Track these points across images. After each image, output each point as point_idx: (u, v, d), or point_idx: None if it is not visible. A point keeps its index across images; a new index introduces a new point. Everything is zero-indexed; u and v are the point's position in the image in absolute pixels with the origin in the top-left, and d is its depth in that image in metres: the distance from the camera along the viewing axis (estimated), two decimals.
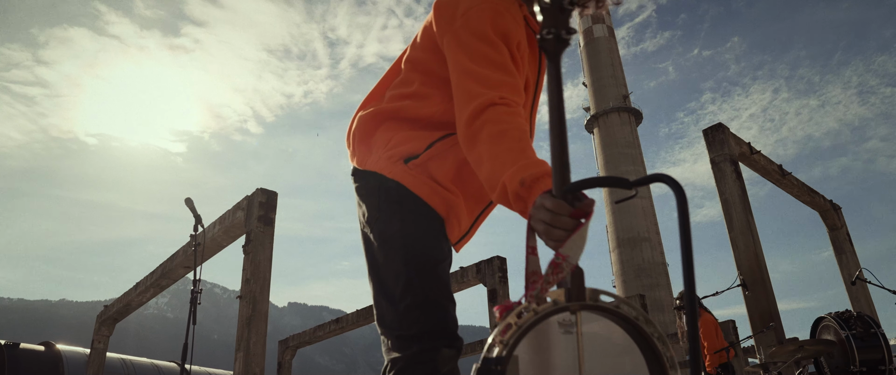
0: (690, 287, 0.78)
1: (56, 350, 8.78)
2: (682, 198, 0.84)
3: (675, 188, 0.85)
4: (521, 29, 1.62)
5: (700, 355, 0.89)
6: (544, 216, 1.05)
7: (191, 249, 6.26)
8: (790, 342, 4.76)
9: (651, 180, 0.91)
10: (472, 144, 1.40)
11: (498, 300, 7.11)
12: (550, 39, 0.92)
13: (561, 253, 0.96)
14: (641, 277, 40.18)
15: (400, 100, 1.68)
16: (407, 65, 1.73)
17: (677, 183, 0.85)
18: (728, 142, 6.83)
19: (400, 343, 1.54)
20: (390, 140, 1.64)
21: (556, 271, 0.94)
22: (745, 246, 6.31)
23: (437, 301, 1.58)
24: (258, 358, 4.69)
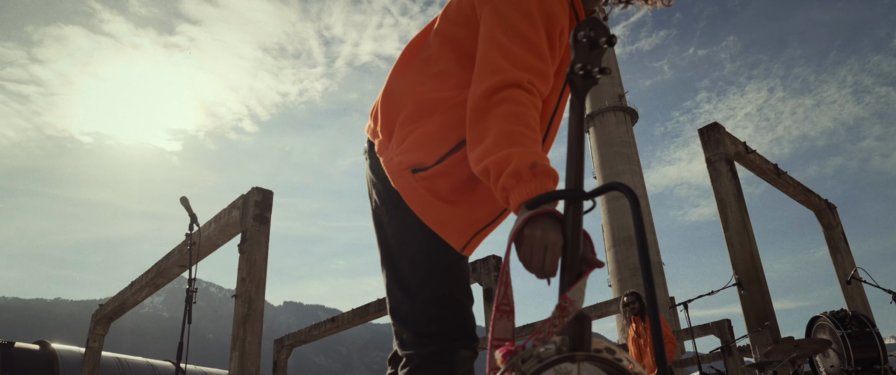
0: (650, 289, 0.83)
1: (51, 349, 8.74)
2: (635, 204, 0.88)
3: (629, 195, 0.91)
4: (566, 15, 1.49)
5: (664, 354, 0.92)
6: (539, 245, 1.03)
7: (186, 248, 6.24)
8: (785, 341, 4.78)
9: (607, 189, 0.95)
10: (480, 116, 1.28)
11: (493, 299, 7.11)
12: (580, 76, 0.93)
13: (568, 297, 0.95)
14: (637, 277, 40.22)
15: (423, 84, 1.54)
16: (436, 39, 1.58)
17: (630, 189, 0.92)
18: (724, 141, 6.84)
19: (417, 339, 1.46)
20: (405, 138, 1.51)
21: (563, 315, 0.93)
22: (740, 246, 6.33)
23: (456, 297, 1.48)
24: (254, 357, 4.68)
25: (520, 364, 0.89)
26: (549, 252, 1.03)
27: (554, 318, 0.93)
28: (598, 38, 0.95)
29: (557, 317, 0.92)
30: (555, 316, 0.93)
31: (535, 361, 0.88)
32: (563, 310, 0.93)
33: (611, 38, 0.98)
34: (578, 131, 0.99)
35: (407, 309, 1.49)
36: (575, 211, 0.99)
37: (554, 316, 0.93)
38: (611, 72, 0.95)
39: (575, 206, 1.00)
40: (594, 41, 0.93)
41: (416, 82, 1.55)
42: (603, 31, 0.97)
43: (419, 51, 1.62)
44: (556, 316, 0.93)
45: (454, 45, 1.53)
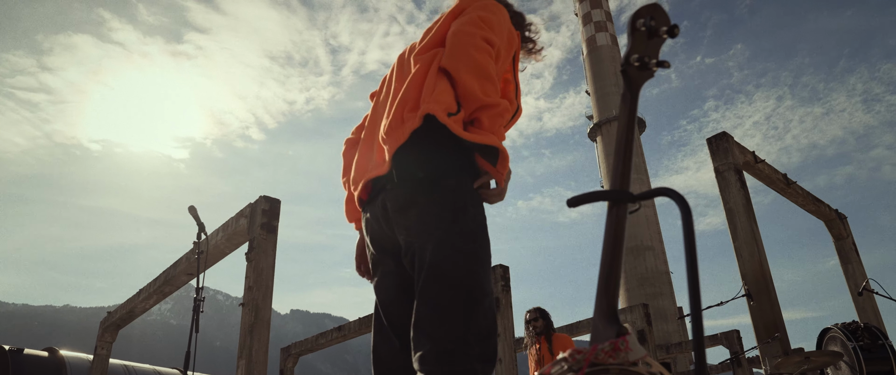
0: (696, 300, 0.76)
1: (59, 357, 8.77)
2: (687, 213, 0.81)
3: (681, 203, 0.81)
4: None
5: (705, 364, 0.86)
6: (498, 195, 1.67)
7: (194, 256, 6.25)
8: (796, 353, 4.73)
9: (656, 194, 0.86)
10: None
11: (500, 309, 7.08)
12: (635, 68, 0.87)
13: (628, 340, 0.90)
14: (645, 286, 40.01)
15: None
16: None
17: (682, 197, 0.81)
18: (732, 150, 6.81)
19: (447, 358, 1.38)
20: (425, 100, 1.69)
21: (613, 352, 0.88)
22: (749, 256, 6.28)
23: (494, 325, 1.46)
24: (260, 366, 4.68)
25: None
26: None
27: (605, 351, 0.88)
28: (658, 26, 0.87)
29: (608, 352, 0.88)
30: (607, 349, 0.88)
31: (568, 372, 0.86)
32: (615, 350, 0.88)
33: (672, 27, 0.89)
34: (629, 129, 0.92)
35: (447, 328, 1.40)
36: (619, 212, 0.93)
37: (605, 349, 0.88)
38: (670, 65, 0.86)
39: (619, 208, 0.93)
40: (653, 30, 0.86)
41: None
42: (664, 19, 0.89)
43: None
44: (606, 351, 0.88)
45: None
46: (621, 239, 0.92)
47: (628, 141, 0.92)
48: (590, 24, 51.08)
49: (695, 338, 0.76)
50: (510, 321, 7.07)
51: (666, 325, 36.91)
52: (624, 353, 0.87)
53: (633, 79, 0.88)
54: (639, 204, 0.95)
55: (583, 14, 51.98)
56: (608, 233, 0.92)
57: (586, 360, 0.85)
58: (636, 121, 0.92)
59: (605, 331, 0.87)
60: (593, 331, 0.90)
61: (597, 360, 0.85)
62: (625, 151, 0.91)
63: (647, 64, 0.86)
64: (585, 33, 51.50)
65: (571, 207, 0.88)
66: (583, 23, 52.02)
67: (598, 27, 50.49)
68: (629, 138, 0.92)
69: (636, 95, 0.89)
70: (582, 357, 0.85)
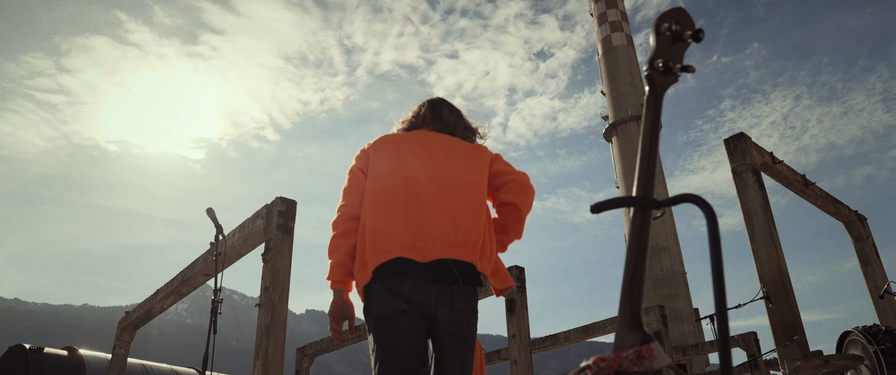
0: (721, 304, 0.75)
1: (78, 356, 8.88)
2: (712, 220, 0.79)
3: (706, 210, 0.80)
4: None
5: (730, 363, 0.84)
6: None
7: (211, 257, 6.30)
8: (815, 356, 4.67)
9: (680, 201, 0.85)
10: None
11: (515, 310, 7.06)
12: (660, 72, 0.86)
13: (653, 348, 0.88)
14: (660, 287, 39.73)
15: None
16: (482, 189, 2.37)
17: (708, 204, 0.80)
18: (750, 151, 6.74)
19: None
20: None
21: (638, 360, 0.87)
22: (767, 258, 6.22)
23: None
24: (276, 366, 4.71)
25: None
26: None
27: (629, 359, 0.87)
28: (683, 30, 0.86)
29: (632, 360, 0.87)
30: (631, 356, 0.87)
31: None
32: (640, 357, 0.87)
33: (697, 32, 0.88)
34: (653, 135, 0.91)
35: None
36: (643, 219, 0.92)
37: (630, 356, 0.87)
38: (694, 70, 0.84)
39: (643, 214, 0.93)
40: (678, 34, 0.84)
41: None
42: (688, 23, 0.88)
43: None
44: (631, 358, 0.87)
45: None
46: (645, 246, 0.91)
47: (652, 147, 0.91)
48: (605, 23, 50.82)
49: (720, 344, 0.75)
50: (526, 322, 7.06)
51: (682, 327, 36.62)
52: (648, 361, 0.85)
53: (657, 83, 0.87)
54: (662, 211, 0.93)
55: (598, 14, 51.75)
56: (632, 240, 0.91)
57: (611, 368, 0.84)
58: (660, 126, 0.92)
59: (630, 338, 0.86)
60: (617, 338, 0.89)
61: (621, 368, 0.84)
62: (648, 157, 0.90)
63: (671, 68, 0.85)
64: (601, 33, 51.26)
65: (595, 213, 0.87)
66: (598, 23, 51.77)
67: (613, 27, 50.23)
68: (653, 144, 0.91)
69: (660, 100, 0.88)
70: (606, 364, 0.84)
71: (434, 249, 2.02)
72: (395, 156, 2.26)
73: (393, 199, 2.14)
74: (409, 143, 2.31)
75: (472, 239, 2.07)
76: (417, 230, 2.05)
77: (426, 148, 2.30)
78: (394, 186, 2.17)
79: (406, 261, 2.01)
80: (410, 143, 2.31)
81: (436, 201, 2.12)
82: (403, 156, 2.26)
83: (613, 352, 0.87)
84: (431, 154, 2.28)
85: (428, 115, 2.47)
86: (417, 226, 2.06)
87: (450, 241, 2.04)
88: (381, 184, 2.20)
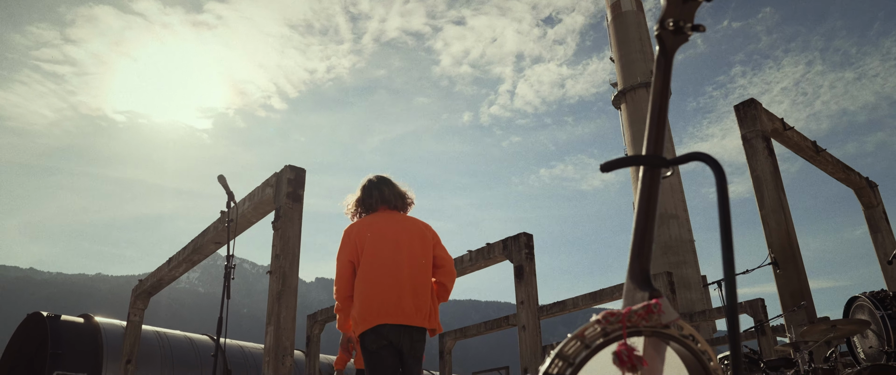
0: (730, 266, 0.76)
1: (95, 323, 9.06)
2: (721, 179, 0.79)
3: (715, 168, 0.80)
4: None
5: (738, 329, 0.85)
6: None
7: (222, 225, 6.36)
8: (822, 321, 4.70)
9: (689, 159, 0.85)
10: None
11: (524, 276, 7.12)
12: (670, 32, 0.86)
13: (661, 303, 0.91)
14: (668, 255, 39.84)
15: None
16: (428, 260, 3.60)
17: (717, 162, 0.80)
18: (760, 117, 6.69)
19: None
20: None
21: (646, 314, 0.89)
22: (776, 224, 6.21)
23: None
24: (288, 332, 4.79)
25: (583, 337, 0.86)
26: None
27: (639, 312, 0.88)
28: None
29: (641, 314, 0.89)
30: (641, 310, 0.89)
31: (601, 335, 0.87)
32: (648, 312, 0.89)
33: None
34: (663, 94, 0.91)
35: None
36: (652, 177, 0.94)
37: (640, 310, 0.89)
38: (705, 29, 0.83)
39: (652, 173, 0.94)
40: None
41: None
42: None
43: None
44: (639, 313, 0.89)
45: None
46: (654, 204, 0.92)
47: (662, 106, 0.92)
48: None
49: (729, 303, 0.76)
50: (534, 289, 7.12)
51: (689, 293, 36.81)
52: (657, 316, 0.87)
53: (667, 43, 0.87)
54: (671, 169, 0.93)
55: None
56: (642, 198, 0.92)
57: (621, 322, 0.86)
58: (670, 86, 0.92)
59: (639, 294, 0.88)
60: (626, 294, 0.91)
61: (631, 322, 0.86)
62: (658, 116, 0.91)
63: (681, 28, 0.84)
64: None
65: (605, 172, 0.88)
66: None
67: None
68: (663, 103, 0.92)
69: (671, 60, 0.88)
70: (616, 318, 0.86)
71: (403, 318, 3.27)
72: (375, 247, 3.39)
73: (378, 281, 3.32)
74: (385, 237, 3.43)
75: (424, 311, 3.36)
76: (394, 305, 3.27)
77: (398, 240, 3.43)
78: (379, 272, 3.34)
79: (381, 325, 3.25)
80: (386, 236, 3.43)
81: (409, 282, 3.34)
82: (380, 248, 3.39)
83: (623, 308, 0.89)
84: (402, 244, 3.42)
85: (378, 199, 3.57)
86: (394, 302, 3.27)
87: (413, 315, 3.30)
88: (370, 267, 3.35)
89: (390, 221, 3.49)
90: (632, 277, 0.90)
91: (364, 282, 3.31)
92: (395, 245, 3.39)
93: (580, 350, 0.83)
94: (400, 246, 3.39)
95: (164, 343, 9.42)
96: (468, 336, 12.68)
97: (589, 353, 0.83)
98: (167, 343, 9.42)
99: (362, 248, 3.38)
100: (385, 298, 3.26)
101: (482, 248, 7.97)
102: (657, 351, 0.89)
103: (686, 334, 0.88)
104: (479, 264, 8.10)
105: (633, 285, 0.89)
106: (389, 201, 3.55)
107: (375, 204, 3.54)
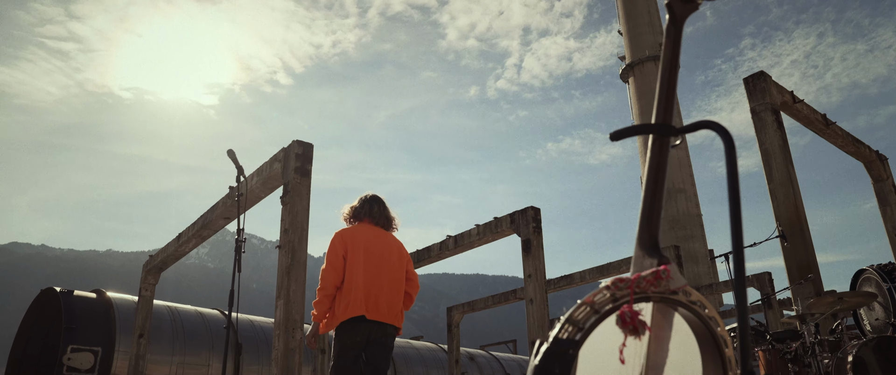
0: (738, 235, 0.76)
1: (107, 298, 9.17)
2: (730, 146, 0.79)
3: (724, 135, 0.79)
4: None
5: (746, 301, 0.86)
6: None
7: (230, 200, 6.40)
8: (829, 294, 4.71)
9: (699, 127, 0.84)
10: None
11: (531, 250, 7.15)
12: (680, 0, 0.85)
13: (669, 269, 0.92)
14: (676, 229, 39.80)
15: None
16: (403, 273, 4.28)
17: (726, 129, 0.79)
18: (770, 90, 6.63)
19: None
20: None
21: (655, 281, 0.90)
22: (784, 198, 6.20)
23: None
24: (298, 306, 4.84)
25: (591, 303, 0.87)
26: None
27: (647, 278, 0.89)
28: None
29: (650, 280, 0.90)
30: (649, 276, 0.90)
31: (611, 301, 0.88)
32: (657, 278, 0.90)
33: None
34: (672, 64, 0.91)
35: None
36: (662, 146, 0.95)
37: (648, 276, 0.90)
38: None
39: (662, 141, 0.95)
40: None
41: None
42: None
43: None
44: (648, 279, 0.89)
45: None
46: (664, 172, 0.93)
47: (672, 75, 0.92)
48: None
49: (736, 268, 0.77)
50: (541, 262, 7.15)
51: (696, 267, 36.88)
52: (665, 281, 0.88)
53: (677, 12, 0.87)
54: (681, 138, 0.94)
55: None
56: (651, 166, 0.92)
57: (629, 288, 0.87)
58: (679, 55, 0.91)
59: (647, 260, 0.89)
60: (635, 260, 0.92)
61: (639, 288, 0.87)
62: (668, 85, 0.91)
63: None
64: None
65: (614, 140, 0.88)
66: None
67: None
68: (673, 73, 0.92)
69: (681, 29, 0.87)
70: (625, 284, 0.87)
71: (378, 315, 3.88)
72: (365, 252, 4.00)
73: (359, 281, 3.89)
74: (372, 246, 4.06)
75: (395, 311, 4.01)
76: (372, 303, 3.87)
77: (382, 251, 4.08)
78: (361, 273, 3.91)
79: (362, 317, 3.84)
80: (373, 245, 4.06)
81: (387, 287, 3.98)
82: (368, 253, 4.01)
83: (631, 274, 0.90)
84: (385, 255, 4.08)
85: (366, 212, 4.22)
86: (372, 301, 3.88)
87: (386, 313, 3.92)
88: (356, 268, 3.92)
89: (376, 235, 4.16)
90: (641, 244, 0.91)
91: (350, 282, 3.91)
92: (379, 256, 4.05)
93: (590, 316, 0.84)
94: (382, 258, 4.06)
95: (176, 317, 9.54)
96: (476, 310, 12.79)
97: (598, 318, 0.84)
98: (178, 318, 9.54)
99: (350, 251, 3.99)
100: (366, 297, 3.88)
101: (490, 222, 7.99)
102: (665, 317, 0.91)
103: (694, 300, 0.89)
104: (486, 238, 8.13)
105: (642, 252, 0.90)
106: (375, 217, 4.22)
107: (363, 217, 4.22)
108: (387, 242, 4.15)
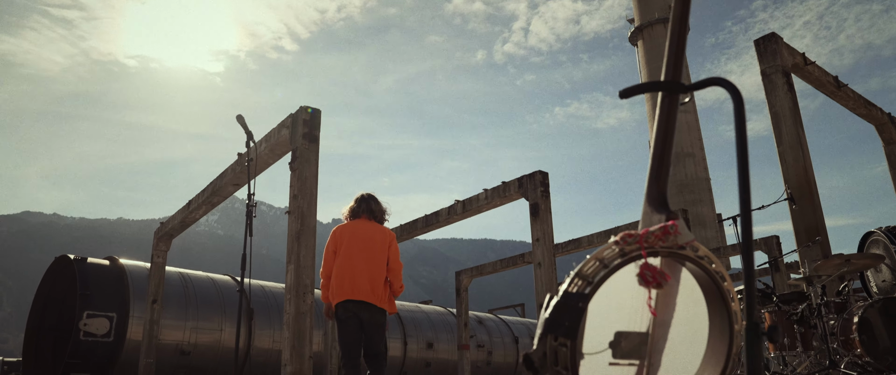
0: (745, 191, 0.77)
1: (120, 264, 9.31)
2: (739, 103, 0.78)
3: (733, 92, 0.78)
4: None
5: (753, 264, 0.87)
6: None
7: (240, 166, 6.44)
8: (836, 256, 4.72)
9: (708, 84, 0.85)
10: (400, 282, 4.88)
11: (539, 214, 7.18)
12: None
13: (677, 225, 0.92)
14: (684, 193, 39.74)
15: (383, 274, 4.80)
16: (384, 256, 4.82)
17: (735, 86, 0.79)
18: (781, 52, 6.54)
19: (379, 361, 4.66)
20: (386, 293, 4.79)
21: (663, 236, 0.91)
22: (794, 161, 6.17)
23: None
24: (308, 271, 4.90)
25: (600, 258, 0.88)
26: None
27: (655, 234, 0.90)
28: None
29: (658, 235, 0.90)
30: (658, 231, 0.90)
31: (619, 255, 0.89)
32: (665, 233, 0.91)
33: None
34: (682, 21, 0.92)
35: (378, 348, 4.66)
36: (671, 103, 0.96)
37: (656, 230, 0.91)
38: None
39: (671, 98, 0.96)
40: None
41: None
42: None
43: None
44: (656, 234, 0.90)
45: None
46: (672, 129, 0.93)
47: (682, 32, 0.92)
48: None
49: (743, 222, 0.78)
50: (549, 226, 7.19)
51: (704, 231, 36.91)
52: (673, 237, 0.89)
53: None
54: (690, 95, 0.94)
55: None
56: (660, 123, 0.93)
57: (638, 243, 0.88)
58: (689, 12, 0.91)
59: (656, 216, 0.91)
60: (644, 216, 0.93)
61: (647, 243, 0.88)
62: (678, 42, 0.92)
63: None
64: None
65: (623, 98, 0.88)
66: None
67: None
68: (682, 30, 0.92)
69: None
70: (633, 239, 0.89)
71: (361, 296, 4.54)
72: (349, 243, 4.71)
73: (346, 268, 4.62)
74: (356, 236, 4.74)
75: (377, 292, 4.60)
76: (357, 286, 4.56)
77: (364, 240, 4.72)
78: (348, 261, 4.64)
79: (347, 300, 4.56)
80: (357, 236, 4.74)
81: (366, 271, 4.61)
82: (352, 244, 4.70)
83: (640, 230, 0.92)
84: (367, 244, 4.71)
85: (365, 210, 4.91)
86: (358, 284, 4.57)
87: (368, 293, 4.57)
88: (343, 258, 4.66)
89: (364, 227, 4.82)
90: (649, 200, 0.92)
91: (338, 268, 4.66)
92: (362, 244, 4.71)
93: (599, 270, 0.86)
94: (365, 246, 4.70)
95: (188, 283, 9.67)
96: (484, 274, 12.90)
97: (607, 273, 0.86)
98: (190, 283, 9.68)
99: (340, 244, 4.73)
100: (351, 280, 4.58)
101: (498, 187, 8.01)
102: (673, 272, 0.92)
103: (701, 255, 0.91)
104: (494, 202, 8.15)
105: (651, 208, 0.91)
106: (368, 213, 4.92)
107: (360, 214, 4.92)
108: (372, 235, 4.79)
